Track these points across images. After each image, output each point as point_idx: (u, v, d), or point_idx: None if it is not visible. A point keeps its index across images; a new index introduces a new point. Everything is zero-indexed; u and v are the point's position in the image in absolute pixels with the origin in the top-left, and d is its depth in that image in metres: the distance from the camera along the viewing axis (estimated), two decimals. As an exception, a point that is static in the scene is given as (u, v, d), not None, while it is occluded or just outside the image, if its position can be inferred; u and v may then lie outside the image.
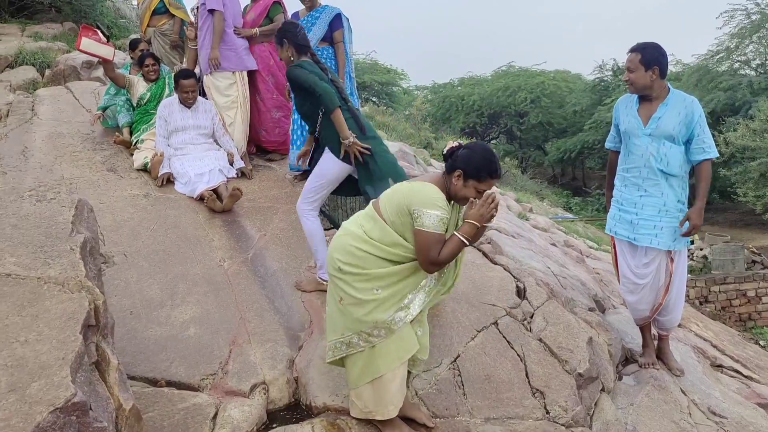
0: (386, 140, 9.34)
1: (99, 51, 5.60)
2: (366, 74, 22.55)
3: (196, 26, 5.79)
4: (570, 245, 6.73)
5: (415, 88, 30.93)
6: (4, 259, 2.51)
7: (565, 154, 22.81)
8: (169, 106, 5.42)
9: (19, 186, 4.87)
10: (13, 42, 8.86)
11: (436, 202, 2.70)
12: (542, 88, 24.58)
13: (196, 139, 5.45)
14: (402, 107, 23.75)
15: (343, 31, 5.55)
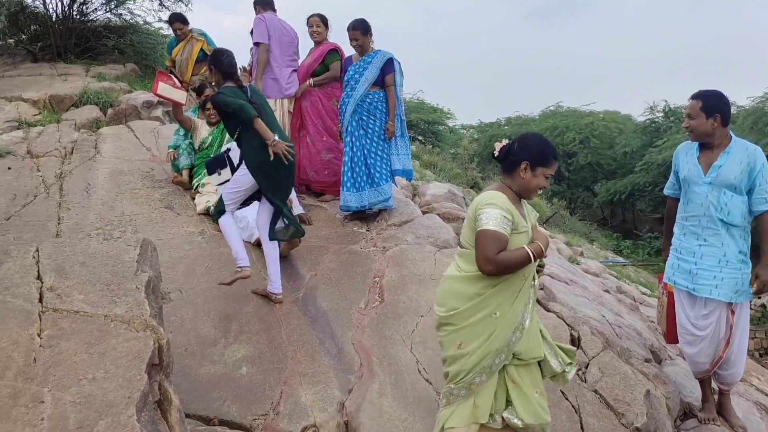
0: (434, 180, 9.40)
1: (173, 95, 5.72)
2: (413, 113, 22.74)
3: (251, 65, 6.11)
4: (623, 291, 6.61)
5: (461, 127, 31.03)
6: (73, 296, 2.61)
7: (615, 195, 22.46)
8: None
9: (83, 221, 5.08)
10: (78, 82, 9.25)
11: (496, 201, 2.69)
12: (591, 129, 24.40)
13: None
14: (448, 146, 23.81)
15: (395, 74, 5.63)
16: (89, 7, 11.16)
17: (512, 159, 2.77)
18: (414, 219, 5.68)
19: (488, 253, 2.61)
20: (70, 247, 3.03)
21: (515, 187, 2.79)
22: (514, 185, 2.79)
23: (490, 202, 2.69)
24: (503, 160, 2.82)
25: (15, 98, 8.36)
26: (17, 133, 7.12)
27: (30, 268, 2.87)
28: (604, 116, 26.41)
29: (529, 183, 2.75)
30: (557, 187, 26.76)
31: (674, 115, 23.36)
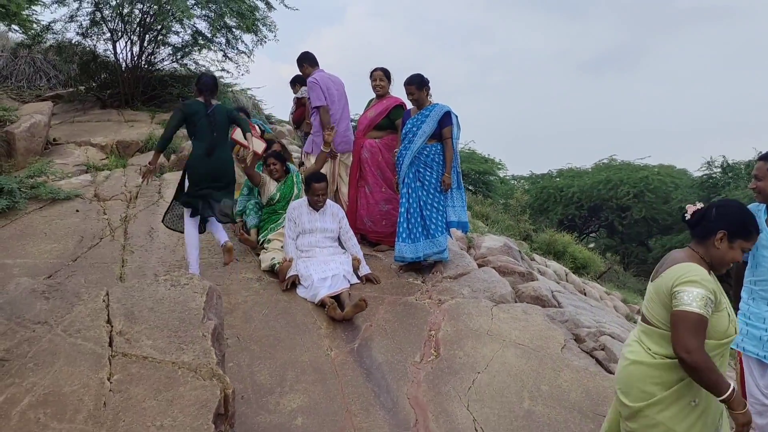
0: (487, 231, 9.34)
1: (251, 143, 5.56)
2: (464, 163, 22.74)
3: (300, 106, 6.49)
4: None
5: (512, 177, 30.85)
6: (142, 342, 2.67)
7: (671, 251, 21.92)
8: (298, 208, 5.49)
9: (145, 265, 5.21)
10: (144, 128, 9.62)
11: (698, 277, 2.41)
12: (646, 183, 23.94)
13: (323, 242, 5.46)
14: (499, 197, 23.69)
15: (452, 128, 5.69)
16: (157, 57, 11.69)
17: (707, 226, 2.54)
18: (470, 272, 5.65)
19: (690, 343, 2.33)
20: (139, 292, 3.11)
21: (707, 257, 2.54)
22: (707, 255, 2.54)
23: (693, 279, 2.41)
24: (695, 225, 2.60)
25: (84, 143, 8.74)
26: (85, 176, 7.42)
27: (100, 312, 2.96)
28: (659, 170, 25.93)
29: (724, 255, 2.51)
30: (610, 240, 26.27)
31: (733, 171, 22.79)
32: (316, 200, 5.43)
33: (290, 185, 6.04)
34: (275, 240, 5.71)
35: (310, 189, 5.43)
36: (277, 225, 5.86)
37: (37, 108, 8.48)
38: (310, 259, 5.34)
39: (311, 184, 5.41)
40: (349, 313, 4.75)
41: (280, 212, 5.90)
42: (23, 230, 5.74)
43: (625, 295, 10.69)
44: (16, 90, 11.26)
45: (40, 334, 2.79)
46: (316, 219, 5.47)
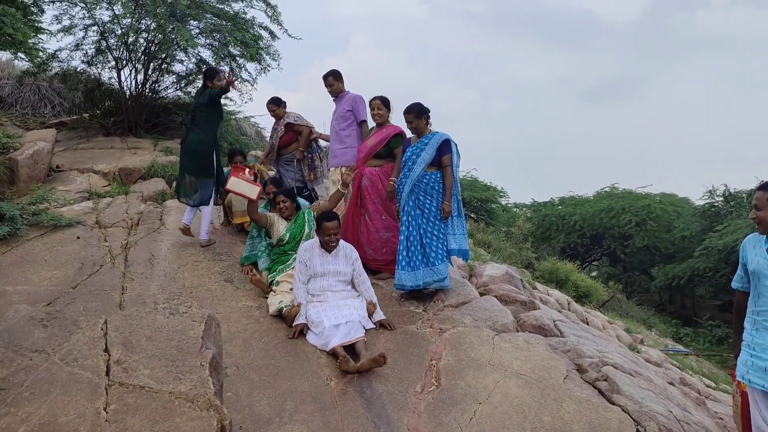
0: (489, 260, 9.31)
1: (244, 190, 5.58)
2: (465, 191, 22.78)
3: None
4: (687, 383, 6.32)
5: (514, 205, 30.88)
6: (139, 371, 2.64)
7: (674, 280, 21.76)
8: (310, 250, 5.19)
9: (145, 292, 5.19)
10: (147, 156, 9.67)
11: None
12: (648, 211, 23.96)
13: (335, 286, 5.14)
14: (501, 224, 23.68)
15: (452, 155, 5.71)
16: (161, 85, 11.80)
17: None
18: (471, 300, 5.62)
19: None
20: (137, 321, 3.09)
21: None
22: None
23: None
24: None
25: (87, 170, 8.77)
26: (87, 203, 7.44)
27: (98, 340, 2.94)
28: (660, 199, 25.98)
29: None
30: (612, 269, 26.21)
31: (735, 200, 22.82)
32: (328, 240, 5.12)
33: (300, 224, 5.78)
34: (284, 282, 5.39)
35: (321, 229, 5.13)
36: (287, 266, 5.55)
37: (41, 135, 8.52)
38: (322, 303, 5.01)
39: (322, 224, 5.11)
40: (365, 366, 4.38)
41: (290, 253, 5.62)
42: (24, 257, 5.73)
43: (628, 324, 10.64)
44: (20, 117, 11.35)
45: (37, 363, 2.77)
46: (328, 261, 5.17)
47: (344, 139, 6.68)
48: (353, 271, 5.27)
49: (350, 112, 6.68)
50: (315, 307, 4.99)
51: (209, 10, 10.28)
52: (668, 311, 23.37)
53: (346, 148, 6.61)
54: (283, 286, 5.34)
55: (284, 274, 5.47)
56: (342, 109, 6.72)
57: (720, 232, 19.97)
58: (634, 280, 25.55)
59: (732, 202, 22.91)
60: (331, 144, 6.88)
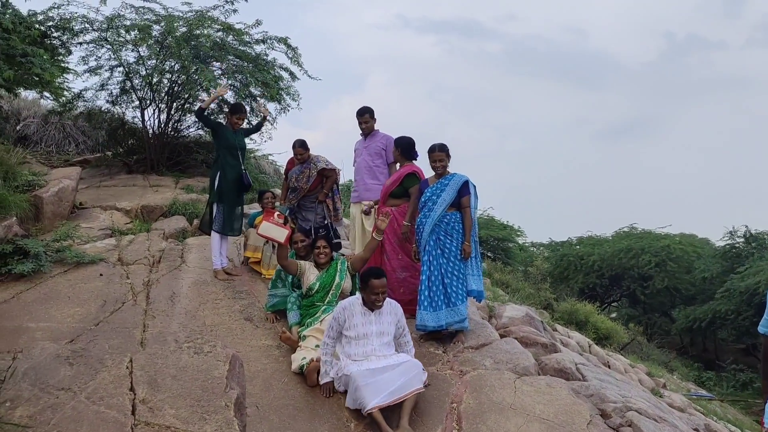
0: (508, 300, 9.25)
1: (274, 234, 5.41)
2: (482, 230, 22.72)
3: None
4: (712, 430, 6.19)
5: (531, 244, 30.75)
6: (165, 411, 2.65)
7: (695, 323, 21.41)
8: (350, 309, 4.60)
9: (166, 330, 5.21)
10: (168, 193, 9.79)
11: None
12: (668, 252, 23.69)
13: (380, 350, 4.54)
14: (518, 264, 23.56)
15: (470, 197, 5.74)
16: (183, 124, 11.99)
17: None
18: (492, 342, 5.58)
19: None
20: (162, 360, 3.11)
21: None
22: None
23: None
24: None
25: (110, 207, 8.89)
26: (110, 240, 7.52)
27: (124, 379, 2.95)
28: (680, 239, 25.73)
29: None
30: (632, 310, 25.86)
31: (756, 241, 22.58)
32: (375, 300, 4.54)
33: (332, 273, 5.41)
34: (311, 337, 5.01)
35: (368, 287, 4.54)
36: (315, 319, 5.15)
37: (66, 173, 8.68)
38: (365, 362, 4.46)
39: (370, 281, 4.52)
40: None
41: (319, 305, 5.26)
42: (47, 294, 5.79)
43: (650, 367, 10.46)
44: (45, 155, 11.56)
45: (63, 401, 2.79)
46: (371, 321, 4.59)
47: (377, 175, 6.78)
48: (396, 329, 4.73)
49: (384, 150, 6.82)
50: (357, 363, 4.42)
51: (232, 52, 10.49)
52: (690, 354, 22.95)
53: (379, 184, 6.65)
54: (309, 342, 4.98)
55: (312, 328, 5.09)
56: (376, 146, 6.83)
57: (742, 273, 19.70)
58: (655, 322, 25.15)
59: (753, 243, 22.66)
60: (360, 179, 6.89)
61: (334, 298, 5.28)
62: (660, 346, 19.29)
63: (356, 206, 6.94)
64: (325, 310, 5.18)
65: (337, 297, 5.27)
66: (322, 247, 5.45)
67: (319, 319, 5.11)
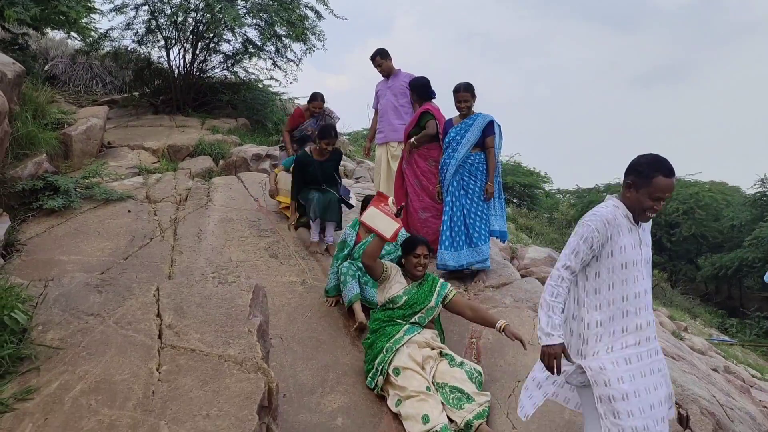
0: (531, 243, 9.26)
1: (379, 226, 4.35)
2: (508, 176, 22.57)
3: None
4: (731, 372, 6.22)
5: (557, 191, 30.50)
6: (190, 335, 2.74)
7: (721, 270, 21.28)
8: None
9: (193, 265, 5.33)
10: (194, 134, 9.84)
11: None
12: (696, 199, 23.40)
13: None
14: (544, 210, 23.44)
15: (495, 137, 5.70)
16: (208, 65, 11.96)
17: None
18: (512, 282, 5.62)
19: None
20: (188, 288, 3.20)
21: None
22: None
23: None
24: None
25: (137, 147, 8.98)
26: (138, 178, 7.63)
27: (151, 306, 3.05)
28: (710, 187, 25.34)
29: None
30: (658, 257, 25.66)
31: (787, 189, 22.16)
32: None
33: (426, 291, 4.35)
34: (410, 372, 3.88)
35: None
36: (396, 342, 4.04)
37: (94, 112, 8.75)
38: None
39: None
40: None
41: (400, 322, 4.23)
42: (77, 229, 5.93)
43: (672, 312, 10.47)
44: (73, 95, 11.63)
45: (93, 325, 2.89)
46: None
47: (403, 115, 6.68)
48: None
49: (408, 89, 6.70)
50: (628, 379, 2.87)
51: (256, -10, 10.37)
52: (714, 302, 22.87)
53: (405, 124, 6.55)
54: (410, 382, 3.83)
55: (405, 356, 3.96)
56: (400, 86, 6.70)
57: (771, 221, 19.44)
58: (680, 270, 25.01)
59: (785, 191, 22.25)
60: (385, 120, 6.83)
61: (422, 321, 4.29)
62: (684, 293, 19.25)
63: (381, 147, 6.91)
64: (409, 331, 4.14)
65: (425, 321, 4.31)
66: (423, 256, 4.36)
67: (401, 341, 4.04)
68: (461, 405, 3.74)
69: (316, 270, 5.62)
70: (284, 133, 7.59)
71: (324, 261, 5.79)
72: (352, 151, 12.92)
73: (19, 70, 6.63)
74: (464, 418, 3.66)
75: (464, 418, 3.66)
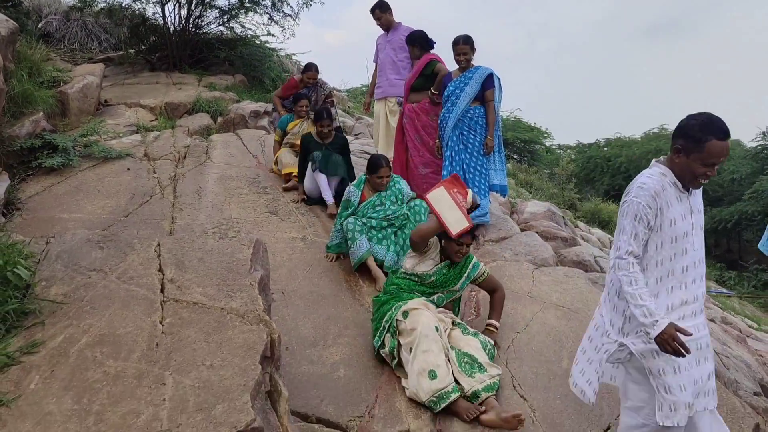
0: (532, 198, 9.27)
1: (444, 213, 3.78)
2: (509, 131, 22.44)
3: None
4: (728, 322, 6.30)
5: (558, 147, 30.36)
6: (192, 289, 2.77)
7: (720, 224, 21.34)
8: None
9: (194, 222, 5.35)
10: (191, 91, 9.77)
11: None
12: (697, 153, 23.29)
13: None
14: (544, 166, 23.37)
15: (495, 90, 5.66)
16: (204, 21, 11.78)
17: None
18: (512, 236, 5.65)
19: None
20: (189, 244, 3.22)
21: None
22: None
23: None
24: None
25: (134, 104, 8.93)
26: (136, 136, 7.60)
27: (152, 261, 3.07)
28: (711, 141, 25.19)
29: None
30: (657, 213, 25.64)
31: (788, 141, 22.06)
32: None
33: (457, 273, 4.07)
34: (418, 312, 3.71)
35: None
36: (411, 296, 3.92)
37: (89, 70, 8.67)
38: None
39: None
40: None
41: (416, 294, 3.97)
42: (77, 187, 5.93)
43: (671, 265, 10.52)
44: (68, 53, 11.49)
45: (95, 281, 2.92)
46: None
47: (401, 70, 6.60)
48: None
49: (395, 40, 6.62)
50: None
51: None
52: (713, 254, 22.98)
53: (403, 80, 6.48)
54: (416, 318, 3.64)
55: (417, 302, 3.82)
56: (399, 40, 6.58)
57: (772, 174, 19.41)
58: (679, 224, 24.98)
59: (785, 144, 22.15)
60: (383, 75, 6.75)
61: (440, 301, 4.06)
62: (683, 247, 19.30)
63: (380, 103, 6.86)
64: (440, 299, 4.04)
65: (443, 302, 4.08)
66: (466, 245, 4.03)
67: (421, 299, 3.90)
68: (472, 373, 3.54)
69: (316, 226, 5.64)
70: (274, 98, 7.54)
71: (324, 217, 5.81)
72: (351, 108, 12.84)
73: (13, 27, 6.55)
74: (473, 387, 3.47)
75: (473, 387, 3.47)
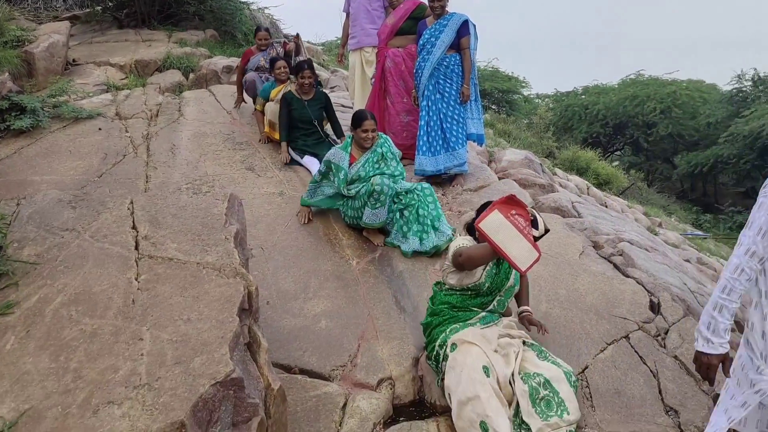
0: (510, 147, 9.27)
1: (505, 244, 2.93)
2: (486, 82, 22.33)
3: None
4: (704, 263, 6.41)
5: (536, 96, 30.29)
6: (167, 245, 2.75)
7: (696, 168, 21.53)
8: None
9: (168, 180, 5.28)
10: (161, 48, 9.54)
11: None
12: (673, 98, 23.30)
13: None
14: (523, 115, 23.33)
15: (470, 38, 5.58)
16: (172, -27, 11.45)
17: None
18: (490, 184, 5.66)
19: None
20: (162, 200, 3.18)
21: None
22: None
23: None
24: None
25: (103, 63, 8.71)
26: (106, 96, 7.44)
27: (125, 219, 3.04)
28: (687, 85, 25.19)
29: None
30: (635, 158, 25.88)
31: (764, 84, 22.16)
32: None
33: (507, 268, 3.45)
34: (467, 346, 3.15)
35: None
36: (465, 326, 3.32)
37: (55, 28, 8.42)
38: None
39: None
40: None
41: (474, 310, 3.43)
42: (48, 148, 5.82)
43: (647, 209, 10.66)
44: (32, 11, 11.14)
45: (68, 240, 2.88)
46: None
47: (376, 19, 6.49)
48: None
49: None
50: None
51: None
52: (689, 198, 23.26)
53: (377, 29, 6.35)
54: (463, 355, 3.09)
55: (472, 333, 3.22)
56: None
57: (747, 117, 19.54)
58: (656, 169, 25.30)
59: (761, 86, 22.25)
60: (357, 24, 6.61)
61: (500, 307, 3.50)
62: (660, 191, 19.55)
63: (355, 53, 6.75)
64: (485, 320, 3.37)
65: (504, 306, 3.54)
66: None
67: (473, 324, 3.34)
68: (548, 415, 2.90)
69: (293, 180, 5.60)
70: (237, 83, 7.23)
71: (301, 171, 5.77)
72: (326, 61, 12.64)
73: (-29, -16, 6.31)
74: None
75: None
